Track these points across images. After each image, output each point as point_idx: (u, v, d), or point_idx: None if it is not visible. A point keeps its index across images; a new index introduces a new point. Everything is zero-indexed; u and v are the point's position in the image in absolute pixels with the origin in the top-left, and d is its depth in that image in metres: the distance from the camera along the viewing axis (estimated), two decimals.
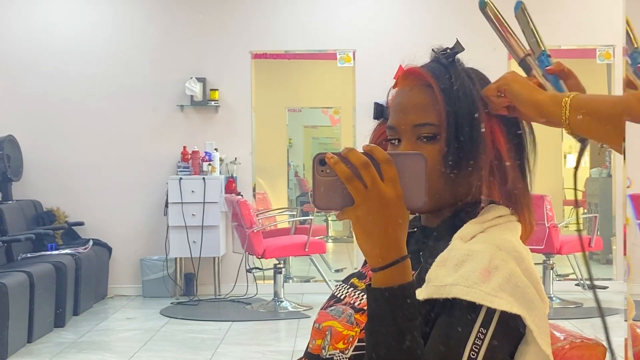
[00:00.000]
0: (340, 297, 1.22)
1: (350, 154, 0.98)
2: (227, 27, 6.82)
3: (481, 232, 1.11)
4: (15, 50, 6.79)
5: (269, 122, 8.25)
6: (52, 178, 6.75)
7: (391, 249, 0.99)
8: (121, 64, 6.80)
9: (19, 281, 4.83)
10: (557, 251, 5.92)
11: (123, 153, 6.78)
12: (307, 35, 6.85)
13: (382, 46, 6.72)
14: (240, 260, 6.51)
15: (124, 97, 6.79)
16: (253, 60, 6.88)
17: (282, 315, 5.94)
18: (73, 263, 5.70)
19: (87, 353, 4.83)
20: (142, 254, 6.70)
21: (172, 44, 6.83)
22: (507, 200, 1.16)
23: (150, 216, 6.76)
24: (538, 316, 1.04)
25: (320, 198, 1.00)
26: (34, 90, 6.77)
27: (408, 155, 1.03)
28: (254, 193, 7.00)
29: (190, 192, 6.44)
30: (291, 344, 5.03)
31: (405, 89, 1.18)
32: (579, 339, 1.22)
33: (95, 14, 6.84)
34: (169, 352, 4.85)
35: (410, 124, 1.15)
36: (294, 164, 9.46)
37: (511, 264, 1.05)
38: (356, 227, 0.99)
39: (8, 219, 5.88)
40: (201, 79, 6.74)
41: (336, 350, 1.12)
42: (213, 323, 5.68)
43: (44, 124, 6.75)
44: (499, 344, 1.02)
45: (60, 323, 5.45)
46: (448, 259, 1.06)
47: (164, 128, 6.78)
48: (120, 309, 6.21)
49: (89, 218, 6.71)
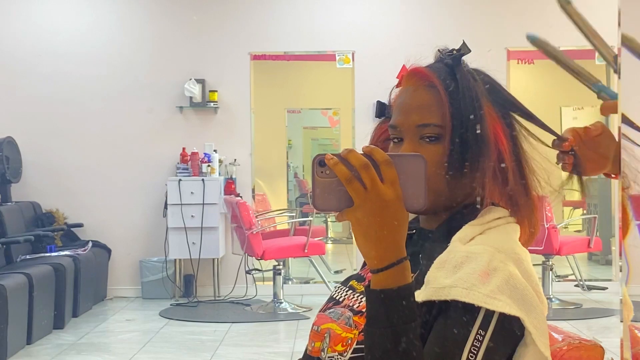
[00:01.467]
0: (339, 299, 1.22)
1: (350, 155, 0.98)
2: (226, 28, 6.82)
3: (480, 234, 1.11)
4: (15, 52, 6.78)
5: (268, 124, 8.25)
6: (51, 179, 6.75)
7: (390, 250, 0.99)
8: (120, 66, 6.79)
9: (18, 283, 4.83)
10: (557, 252, 5.92)
11: (122, 154, 6.78)
12: (306, 36, 6.85)
13: (381, 47, 6.73)
14: (239, 261, 6.51)
15: (123, 98, 6.79)
16: (252, 61, 6.88)
17: (281, 317, 5.93)
18: (72, 265, 5.70)
19: (86, 355, 4.83)
20: (141, 255, 6.70)
21: (171, 45, 6.83)
22: (508, 202, 1.16)
23: (149, 217, 6.75)
24: (537, 318, 1.04)
25: (319, 199, 0.99)
26: (33, 92, 6.76)
27: (408, 156, 1.02)
28: (253, 194, 7.00)
29: (190, 193, 6.43)
30: (290, 346, 5.03)
31: (410, 89, 1.18)
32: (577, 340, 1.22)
33: (95, 16, 6.84)
34: (168, 354, 4.85)
35: (413, 124, 1.15)
36: (293, 165, 9.46)
37: (510, 266, 1.05)
38: (355, 228, 0.99)
39: (7, 220, 5.88)
40: (200, 80, 6.74)
41: (335, 352, 1.12)
42: (212, 324, 5.68)
43: (43, 125, 6.75)
44: (497, 346, 1.02)
45: (59, 325, 5.45)
46: (447, 261, 1.06)
47: (163, 129, 6.78)
48: (120, 311, 6.21)
49: (88, 219, 6.71)
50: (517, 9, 6.68)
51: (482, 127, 1.12)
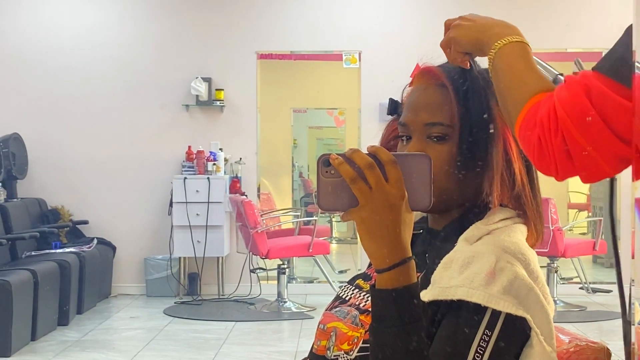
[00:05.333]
0: (346, 298, 1.22)
1: (355, 155, 0.98)
2: (233, 27, 6.82)
3: (487, 234, 1.10)
4: (22, 49, 6.80)
5: (274, 123, 8.26)
6: (57, 176, 6.77)
7: (395, 250, 0.99)
8: (127, 63, 6.80)
9: (23, 279, 4.84)
10: (562, 254, 5.91)
11: (128, 152, 6.78)
12: (313, 36, 6.85)
13: (388, 47, 6.72)
14: (244, 260, 6.51)
15: (129, 96, 6.80)
16: (259, 60, 6.88)
17: (285, 316, 5.94)
18: (77, 261, 5.71)
19: (90, 352, 4.84)
20: (146, 253, 6.71)
21: (178, 43, 6.83)
22: (514, 202, 1.16)
23: (154, 215, 6.76)
24: (543, 319, 1.04)
25: (324, 199, 1.00)
26: (39, 89, 6.78)
27: (413, 156, 1.02)
28: (259, 193, 7.00)
29: (195, 191, 6.44)
30: (294, 345, 5.03)
31: (420, 87, 1.18)
32: (583, 342, 1.21)
33: (101, 14, 6.85)
34: (172, 352, 4.85)
35: (421, 122, 1.15)
36: (298, 165, 9.46)
37: (516, 266, 1.04)
38: (360, 228, 0.99)
39: (13, 217, 5.89)
40: (207, 79, 6.75)
41: (341, 351, 1.12)
42: (216, 323, 5.68)
43: (49, 122, 6.77)
44: (504, 346, 1.02)
45: (64, 321, 5.46)
46: (453, 261, 1.06)
47: (169, 127, 6.79)
48: (124, 308, 6.22)
49: (93, 217, 6.72)
50: (527, 10, 6.66)
51: (490, 129, 1.12)
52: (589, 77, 0.94)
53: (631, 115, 0.91)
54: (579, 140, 0.93)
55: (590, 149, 0.93)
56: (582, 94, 0.93)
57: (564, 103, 0.94)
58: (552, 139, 0.94)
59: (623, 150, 0.93)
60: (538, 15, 6.69)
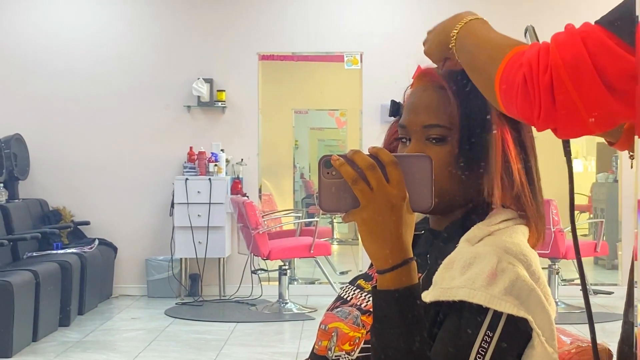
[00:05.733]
0: (347, 298, 1.22)
1: (356, 156, 0.99)
2: (235, 28, 6.82)
3: (488, 235, 1.10)
4: (23, 50, 6.81)
5: (276, 124, 8.26)
6: (58, 177, 6.77)
7: (397, 251, 0.99)
8: (128, 64, 6.81)
9: (25, 280, 4.84)
10: (563, 256, 5.90)
11: (129, 153, 6.79)
12: (315, 37, 6.85)
13: (389, 49, 6.72)
14: (245, 261, 6.52)
15: (130, 97, 6.80)
16: (260, 61, 6.88)
17: (286, 317, 5.94)
18: (79, 262, 5.71)
19: (91, 352, 4.84)
20: (147, 254, 6.71)
21: (180, 44, 6.84)
22: (515, 203, 1.16)
23: (156, 216, 6.77)
24: (544, 319, 1.04)
25: (325, 200, 1.00)
26: (41, 90, 6.79)
27: (414, 157, 1.02)
28: (260, 194, 7.01)
29: (196, 192, 6.44)
30: (295, 346, 5.03)
31: (420, 89, 1.19)
32: (585, 343, 1.21)
33: (104, 15, 6.86)
34: (173, 353, 4.85)
35: (420, 124, 1.15)
36: (299, 166, 9.47)
37: (518, 267, 1.04)
38: (362, 229, 0.99)
39: (14, 217, 5.89)
40: (208, 80, 6.75)
41: (342, 351, 1.12)
42: (217, 324, 5.68)
43: (51, 123, 6.77)
44: (505, 347, 1.02)
45: (65, 322, 5.46)
46: (455, 262, 1.06)
47: (171, 128, 6.80)
48: (125, 309, 6.22)
49: (94, 217, 6.72)
50: (530, 11, 6.66)
51: (488, 131, 1.12)
52: (589, 26, 0.94)
53: (626, 64, 0.89)
54: (565, 82, 0.91)
55: (575, 95, 0.91)
56: (579, 40, 0.92)
57: (559, 43, 0.93)
58: (540, 76, 0.93)
59: (607, 101, 0.91)
60: (538, 15, 6.68)
